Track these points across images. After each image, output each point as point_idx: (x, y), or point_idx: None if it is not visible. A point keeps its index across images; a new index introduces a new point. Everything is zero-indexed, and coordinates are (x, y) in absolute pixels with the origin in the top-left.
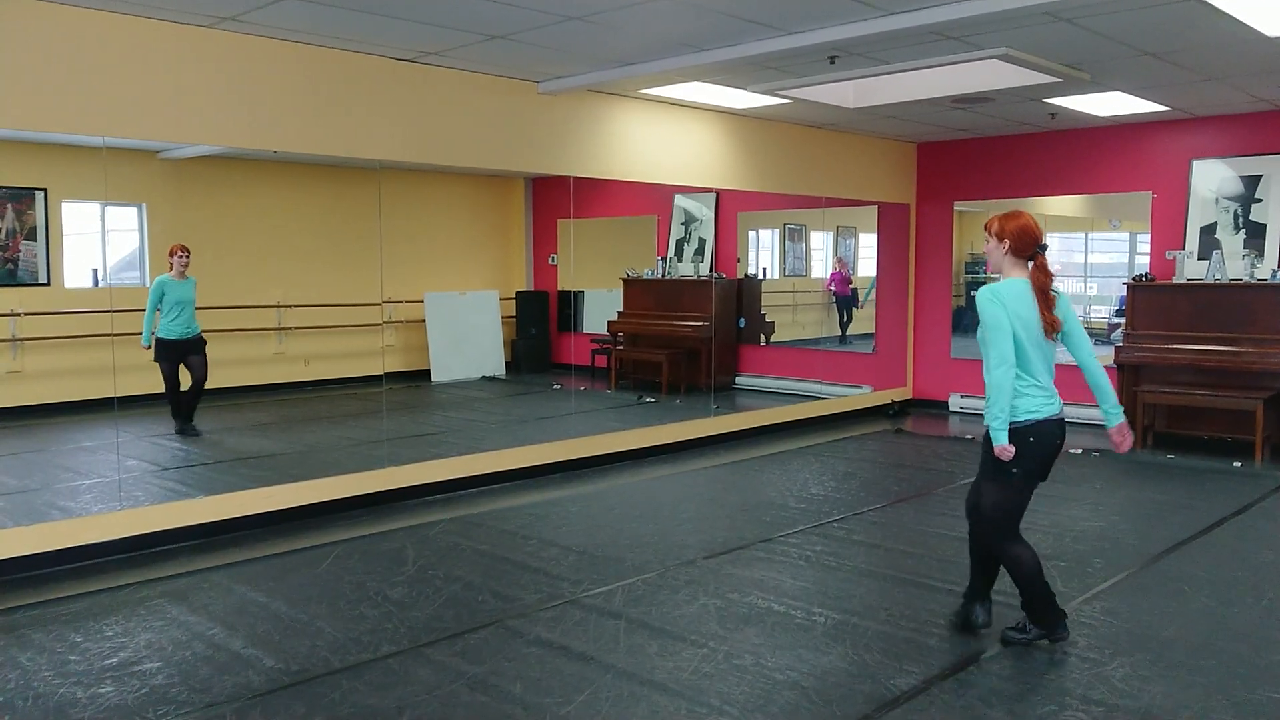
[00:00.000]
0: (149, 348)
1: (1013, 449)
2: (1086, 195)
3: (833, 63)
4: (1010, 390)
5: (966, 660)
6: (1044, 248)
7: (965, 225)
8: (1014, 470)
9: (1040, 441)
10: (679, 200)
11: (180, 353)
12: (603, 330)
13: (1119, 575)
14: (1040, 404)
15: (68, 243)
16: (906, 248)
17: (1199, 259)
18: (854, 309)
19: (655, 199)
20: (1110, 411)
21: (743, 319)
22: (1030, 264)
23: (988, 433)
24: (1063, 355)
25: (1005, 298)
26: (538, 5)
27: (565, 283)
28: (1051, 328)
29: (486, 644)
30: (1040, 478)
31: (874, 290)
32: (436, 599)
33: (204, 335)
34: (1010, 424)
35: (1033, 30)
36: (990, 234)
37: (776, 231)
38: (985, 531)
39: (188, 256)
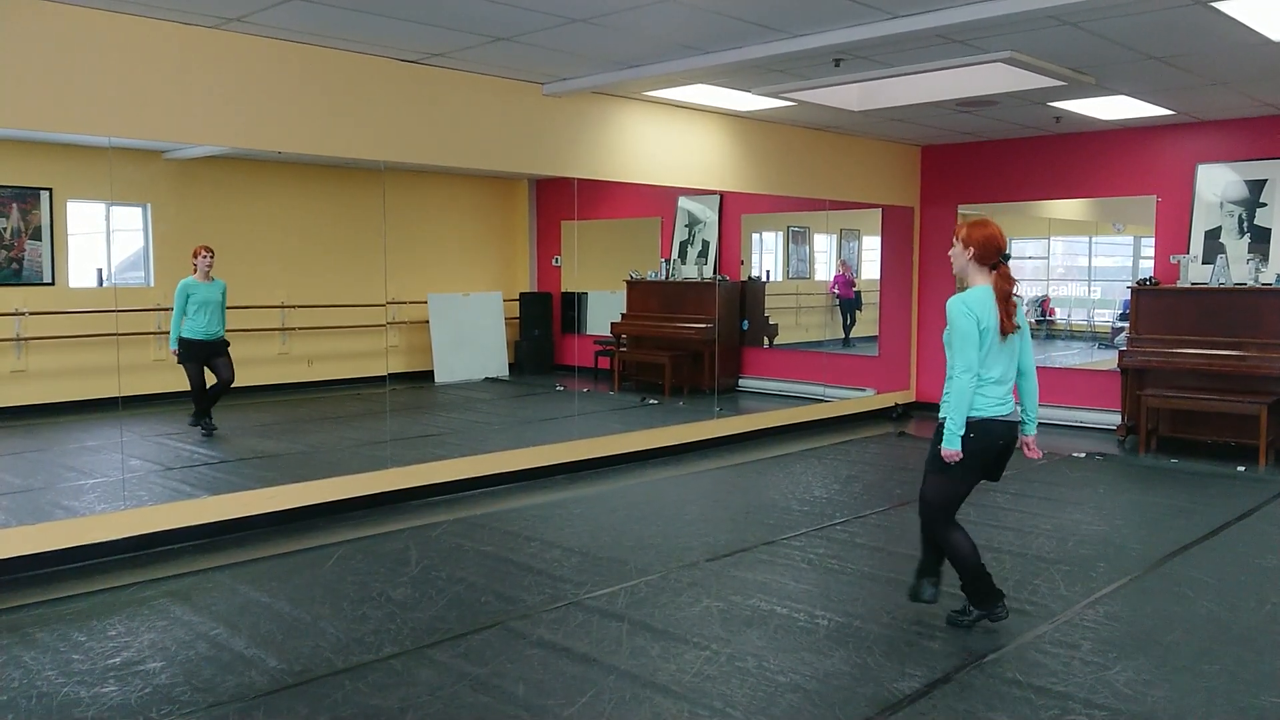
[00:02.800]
0: (175, 353)
1: (960, 454)
2: (1091, 199)
3: (837, 65)
4: (970, 397)
5: (969, 663)
6: (1007, 257)
7: None
8: (949, 463)
9: (979, 438)
10: (683, 202)
11: (205, 354)
12: (606, 332)
13: (1122, 579)
14: (987, 404)
15: (72, 242)
16: (910, 251)
17: (1203, 263)
18: (857, 312)
19: (659, 201)
20: (1029, 420)
21: (746, 321)
22: (993, 272)
23: (938, 427)
24: (1064, 358)
25: (975, 307)
26: (543, 7)
27: (569, 284)
28: (1005, 332)
29: (489, 645)
30: (986, 474)
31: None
32: (439, 600)
33: (227, 338)
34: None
35: (1037, 34)
36: (958, 239)
37: (780, 234)
38: (924, 518)
39: (211, 257)
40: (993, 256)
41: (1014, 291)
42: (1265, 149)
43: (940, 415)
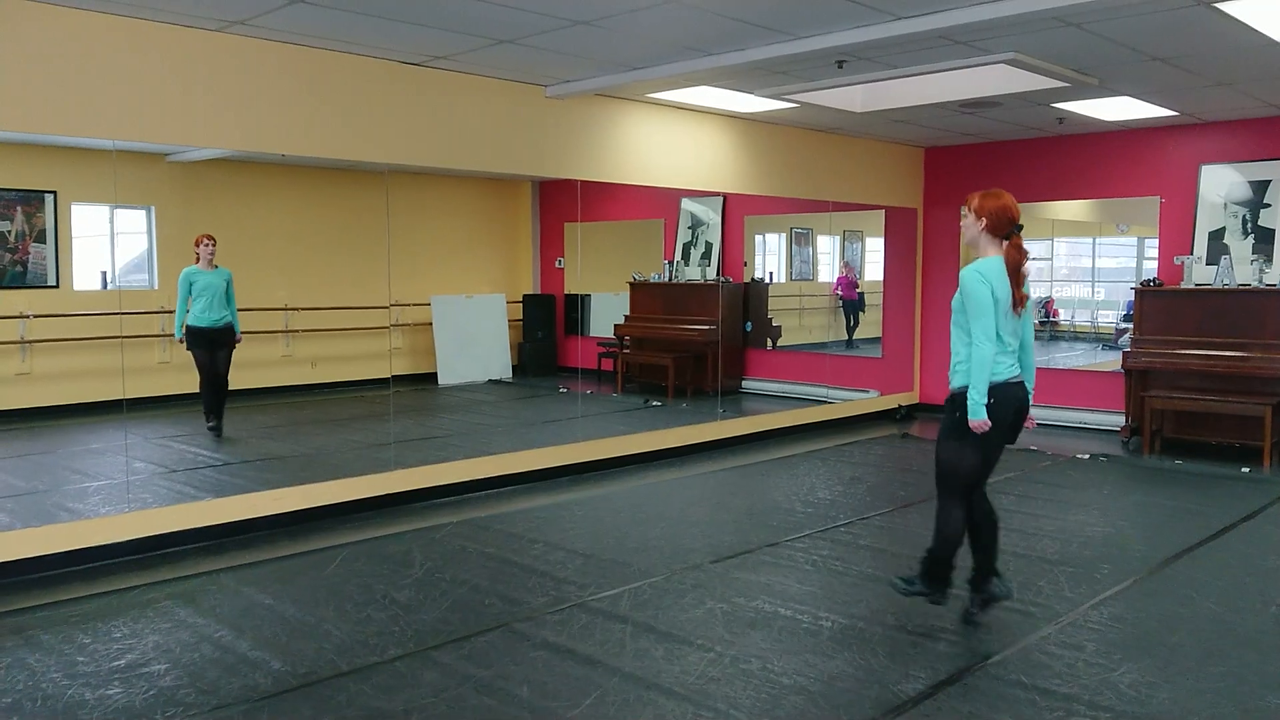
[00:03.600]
0: (181, 340)
1: (989, 423)
2: (1094, 200)
3: (840, 67)
4: (990, 365)
5: (973, 665)
6: (1019, 227)
7: None
8: (967, 431)
9: (998, 404)
10: (686, 204)
11: (210, 341)
12: (609, 334)
13: (1127, 581)
14: (1001, 369)
15: (77, 245)
16: (914, 252)
17: (1207, 264)
18: (860, 313)
19: (662, 203)
20: (1027, 392)
21: (749, 323)
22: (1005, 242)
23: (951, 396)
24: (1067, 360)
25: (990, 276)
26: (545, 10)
27: (572, 286)
28: (1019, 303)
29: (493, 647)
30: (1005, 439)
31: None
32: (443, 602)
33: (233, 328)
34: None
35: (1040, 35)
36: (969, 210)
37: (783, 235)
38: (940, 484)
39: (213, 245)
40: (1005, 227)
41: (1026, 262)
42: (1269, 150)
43: (952, 386)
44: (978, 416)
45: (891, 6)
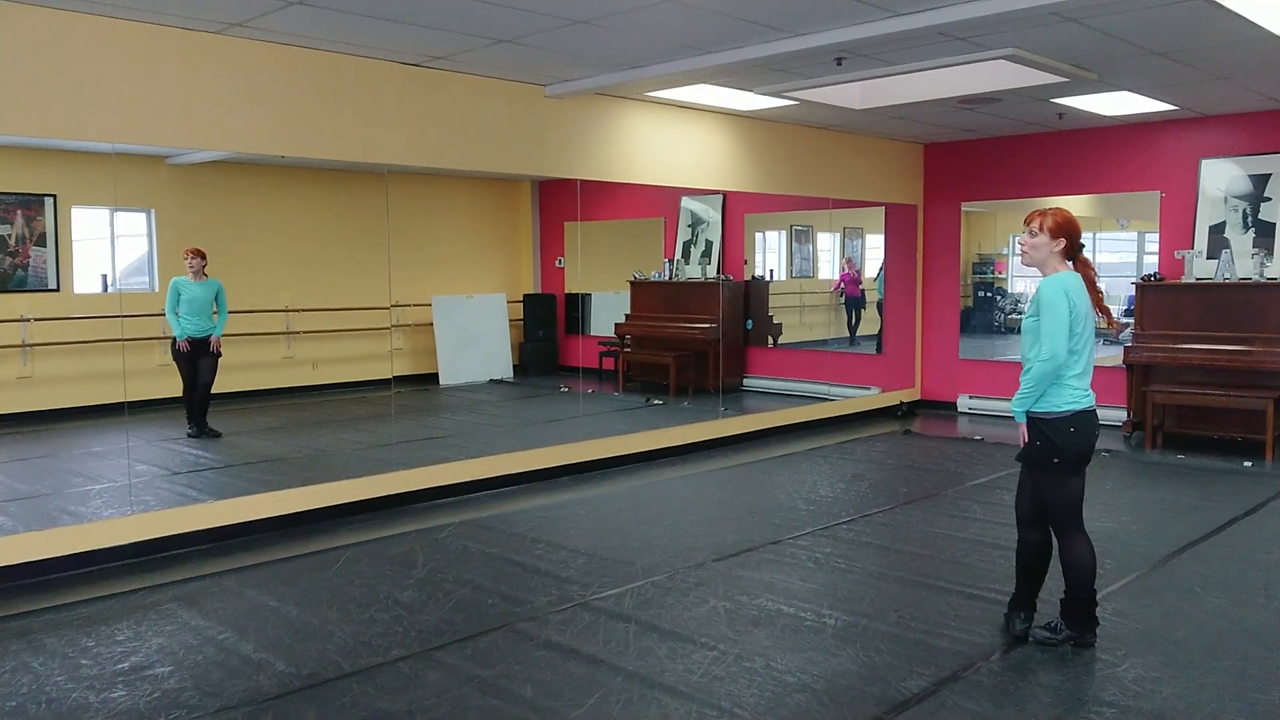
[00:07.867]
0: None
1: (1025, 435)
2: (1094, 195)
3: (839, 64)
4: (1047, 386)
5: (977, 662)
6: (1082, 247)
7: (973, 226)
8: (1055, 461)
9: (1080, 431)
10: (686, 202)
11: (192, 353)
12: (610, 333)
13: (1130, 576)
14: (1079, 395)
15: (77, 248)
16: (914, 249)
17: (1208, 258)
18: (862, 310)
19: (662, 201)
20: None
21: (750, 321)
22: (1071, 261)
23: (1035, 430)
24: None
25: (1071, 290)
26: (544, 9)
27: (572, 285)
28: (1104, 315)
29: (496, 647)
30: (1084, 465)
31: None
32: (446, 602)
33: (220, 338)
34: (1052, 414)
35: (1040, 30)
36: (1040, 230)
37: (783, 233)
38: (1054, 524)
39: (199, 259)
40: (1078, 243)
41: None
42: (1269, 143)
43: (1026, 411)
44: (1020, 420)
45: (890, 3)
